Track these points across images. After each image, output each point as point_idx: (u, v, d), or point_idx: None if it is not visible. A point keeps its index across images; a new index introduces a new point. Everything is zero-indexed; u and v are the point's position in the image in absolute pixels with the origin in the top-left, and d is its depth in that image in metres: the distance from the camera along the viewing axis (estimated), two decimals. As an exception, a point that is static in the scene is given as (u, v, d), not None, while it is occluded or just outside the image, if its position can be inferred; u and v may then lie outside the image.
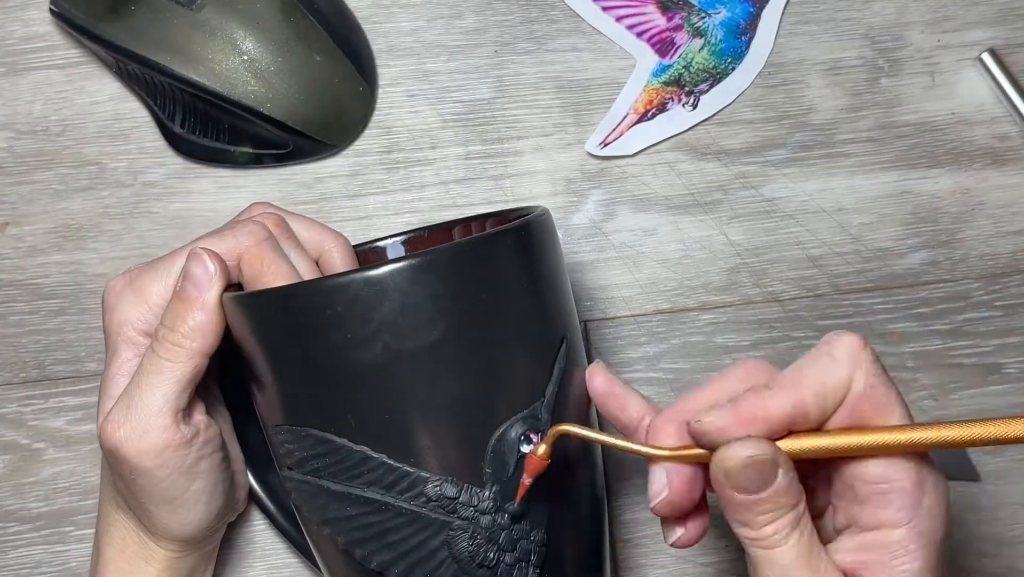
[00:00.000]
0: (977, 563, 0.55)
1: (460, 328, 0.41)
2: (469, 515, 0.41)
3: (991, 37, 0.58)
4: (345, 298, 0.40)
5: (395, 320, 0.40)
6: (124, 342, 0.46)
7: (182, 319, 0.44)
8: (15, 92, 0.56)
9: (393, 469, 0.41)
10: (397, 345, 0.40)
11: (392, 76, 0.57)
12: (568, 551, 0.44)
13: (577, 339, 0.45)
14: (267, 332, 0.42)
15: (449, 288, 0.40)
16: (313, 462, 0.42)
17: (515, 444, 0.41)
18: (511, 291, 0.42)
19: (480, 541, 0.41)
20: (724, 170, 0.57)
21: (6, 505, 0.55)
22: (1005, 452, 0.56)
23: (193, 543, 0.48)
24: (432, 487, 0.41)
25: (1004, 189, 0.57)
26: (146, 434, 0.44)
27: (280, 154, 0.56)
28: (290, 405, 0.43)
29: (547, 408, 0.42)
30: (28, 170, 0.56)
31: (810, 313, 0.56)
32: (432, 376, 0.41)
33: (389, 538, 0.42)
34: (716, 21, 0.57)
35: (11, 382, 0.55)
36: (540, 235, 0.44)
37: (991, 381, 0.56)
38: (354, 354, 0.40)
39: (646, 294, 0.57)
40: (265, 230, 0.46)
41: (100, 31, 0.53)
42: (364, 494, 0.41)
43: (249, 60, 0.53)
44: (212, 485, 0.46)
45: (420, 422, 0.41)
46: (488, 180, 0.57)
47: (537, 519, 0.42)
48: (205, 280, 0.44)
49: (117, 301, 0.46)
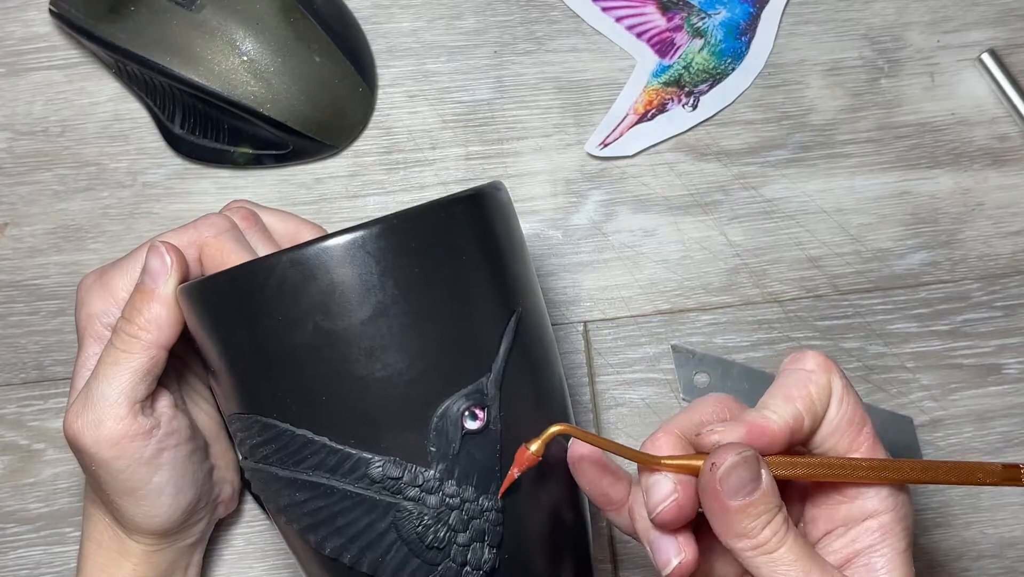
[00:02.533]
0: (977, 564, 0.55)
1: (393, 304, 0.40)
2: (415, 495, 0.40)
3: (991, 37, 0.58)
4: (273, 279, 0.40)
5: (324, 299, 0.40)
6: (91, 336, 0.47)
7: (139, 311, 0.44)
8: (15, 93, 0.56)
9: (335, 451, 0.40)
10: (328, 324, 0.40)
11: (392, 77, 0.57)
12: (529, 529, 0.42)
13: (537, 313, 0.44)
14: (210, 319, 0.43)
15: (379, 264, 0.40)
16: (262, 449, 0.42)
17: (458, 420, 0.40)
18: (448, 265, 0.41)
19: (428, 521, 0.41)
20: (724, 171, 0.57)
21: (5, 506, 0.55)
22: (1005, 453, 0.56)
23: (165, 536, 0.48)
24: (375, 468, 0.40)
25: (1004, 190, 0.57)
26: (101, 424, 0.44)
27: (280, 155, 0.56)
28: (237, 392, 0.43)
29: (494, 383, 0.41)
30: (28, 171, 0.56)
31: (810, 314, 0.56)
32: (366, 354, 0.40)
33: (338, 522, 0.41)
34: (716, 22, 0.57)
35: (11, 383, 0.55)
36: (482, 208, 0.43)
37: (991, 382, 0.56)
38: (287, 336, 0.40)
39: (646, 295, 0.57)
40: (228, 221, 0.46)
41: (100, 32, 0.53)
42: (310, 479, 0.41)
43: (249, 61, 0.53)
44: (178, 478, 0.46)
45: (358, 402, 0.40)
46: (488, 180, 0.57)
47: (490, 497, 0.41)
48: (162, 272, 0.44)
49: (86, 295, 0.47)
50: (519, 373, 0.42)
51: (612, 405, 0.56)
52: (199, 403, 0.50)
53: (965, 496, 0.55)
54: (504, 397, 0.41)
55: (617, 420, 0.56)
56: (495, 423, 0.41)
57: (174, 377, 0.47)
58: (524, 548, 0.42)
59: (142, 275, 0.45)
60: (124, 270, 0.46)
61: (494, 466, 0.41)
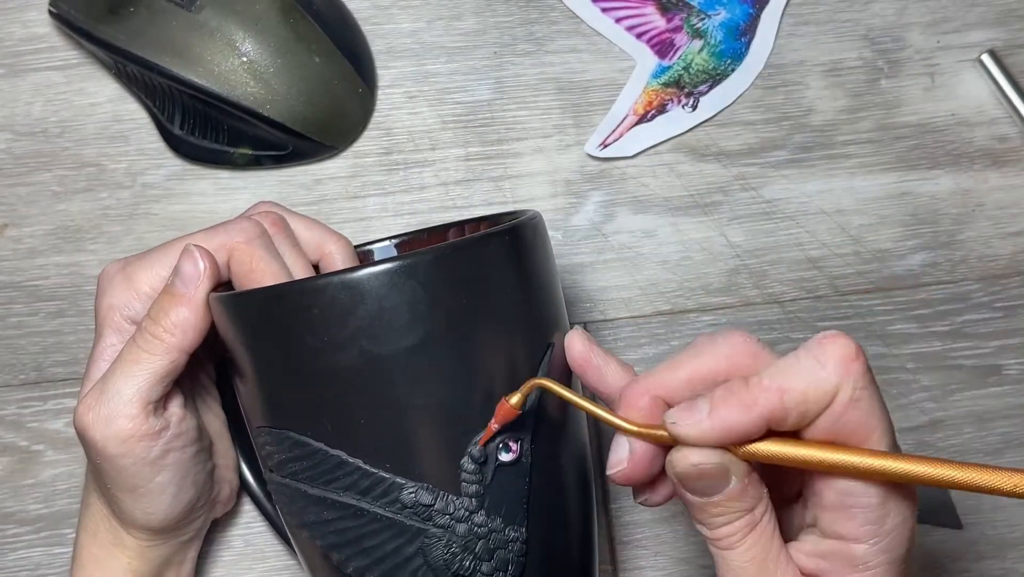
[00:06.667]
0: (977, 565, 0.55)
1: (439, 333, 0.40)
2: (445, 523, 0.41)
3: (991, 38, 0.58)
4: (322, 300, 0.40)
5: (372, 324, 0.39)
6: (110, 326, 0.46)
7: (166, 313, 0.44)
8: (14, 93, 0.56)
9: (369, 474, 0.41)
10: (374, 349, 0.40)
11: (392, 77, 0.57)
12: (550, 562, 0.43)
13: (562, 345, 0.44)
14: (248, 332, 0.42)
15: (428, 292, 0.40)
16: (292, 465, 0.42)
17: (494, 452, 0.41)
18: (494, 296, 0.41)
19: (456, 549, 0.41)
20: (724, 171, 0.57)
21: (5, 507, 0.55)
22: (1005, 454, 0.56)
23: (162, 533, 0.48)
24: (407, 494, 0.40)
25: (1004, 190, 0.57)
26: (112, 421, 0.44)
27: (279, 156, 0.56)
28: (270, 407, 0.43)
29: (530, 416, 0.42)
30: (27, 171, 0.56)
31: (810, 315, 0.56)
32: (409, 381, 0.40)
33: (365, 544, 0.41)
34: (716, 22, 0.57)
35: (10, 384, 0.55)
36: (526, 240, 0.43)
37: (991, 382, 0.56)
38: (330, 357, 0.40)
39: (646, 296, 0.56)
40: (259, 227, 0.46)
41: (99, 32, 0.53)
42: (340, 499, 0.41)
43: (248, 62, 0.53)
44: (180, 478, 0.46)
45: (396, 428, 0.40)
46: (488, 181, 0.57)
47: (516, 528, 0.42)
48: (194, 277, 0.44)
49: (108, 285, 0.47)
50: (549, 407, 0.43)
51: (612, 406, 0.56)
52: (208, 403, 0.50)
53: (966, 497, 0.55)
54: (536, 428, 0.42)
55: (617, 421, 0.55)
56: (527, 456, 0.42)
57: (187, 377, 0.47)
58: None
59: (173, 277, 0.45)
60: (149, 264, 0.46)
61: (523, 498, 0.42)
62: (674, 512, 0.55)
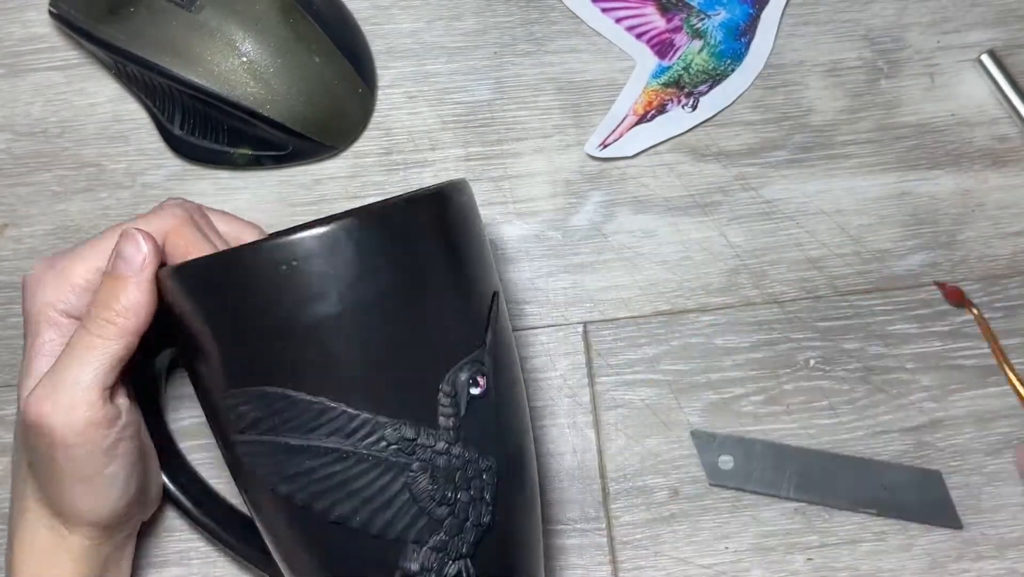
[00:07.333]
0: (977, 565, 0.55)
1: (410, 279, 0.43)
2: (427, 456, 0.43)
3: (991, 38, 0.58)
4: (301, 253, 0.41)
5: (349, 273, 0.42)
6: (46, 323, 0.47)
7: (116, 297, 0.44)
8: (14, 93, 0.56)
9: (353, 417, 0.42)
10: (352, 296, 0.42)
11: (391, 77, 0.57)
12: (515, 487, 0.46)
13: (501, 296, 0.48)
14: (218, 296, 0.43)
15: (398, 240, 0.43)
16: (271, 420, 0.43)
17: (464, 385, 0.44)
18: (451, 244, 0.45)
19: (440, 479, 0.43)
20: (724, 171, 0.57)
21: (5, 508, 0.55)
22: (1005, 455, 0.56)
23: (107, 529, 0.48)
24: (391, 431, 0.42)
25: (1004, 190, 0.57)
26: (73, 409, 0.44)
27: (279, 156, 0.56)
28: (243, 366, 0.43)
29: (488, 353, 0.45)
30: (27, 172, 0.56)
31: (810, 315, 0.56)
32: (385, 325, 0.42)
33: (351, 486, 0.43)
34: (716, 22, 0.57)
35: (10, 384, 0.55)
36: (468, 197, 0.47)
37: (991, 383, 0.56)
38: (309, 308, 0.42)
39: (646, 295, 0.56)
40: (187, 213, 0.47)
41: (99, 33, 0.53)
42: (324, 444, 0.43)
43: (248, 62, 0.53)
44: (127, 470, 0.46)
45: (376, 370, 0.43)
46: (488, 181, 0.57)
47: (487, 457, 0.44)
48: (138, 259, 0.45)
49: (38, 285, 0.47)
50: (500, 346, 0.46)
51: (612, 406, 0.56)
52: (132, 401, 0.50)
53: (965, 497, 0.55)
54: (493, 365, 0.45)
55: (617, 421, 0.55)
56: (492, 390, 0.45)
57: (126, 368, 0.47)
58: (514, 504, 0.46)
59: (115, 261, 0.45)
60: (82, 258, 0.47)
61: (492, 428, 0.45)
62: (674, 512, 0.55)
